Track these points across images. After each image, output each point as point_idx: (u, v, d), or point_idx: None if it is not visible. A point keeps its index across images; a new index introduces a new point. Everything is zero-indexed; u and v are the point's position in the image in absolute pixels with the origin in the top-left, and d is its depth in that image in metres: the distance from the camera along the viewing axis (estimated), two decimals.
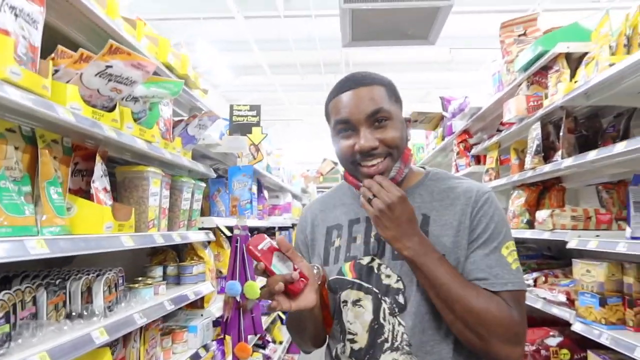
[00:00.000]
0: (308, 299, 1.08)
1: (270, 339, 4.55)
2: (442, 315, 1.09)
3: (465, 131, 4.64)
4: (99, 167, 1.58)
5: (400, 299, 1.14)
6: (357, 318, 1.18)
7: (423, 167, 1.29)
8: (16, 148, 1.27)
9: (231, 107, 2.81)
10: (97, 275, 1.63)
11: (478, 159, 4.51)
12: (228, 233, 2.66)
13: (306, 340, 1.29)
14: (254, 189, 3.44)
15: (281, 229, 5.51)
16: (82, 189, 1.59)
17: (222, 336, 2.75)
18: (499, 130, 3.64)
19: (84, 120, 1.40)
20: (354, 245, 1.22)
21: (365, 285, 1.17)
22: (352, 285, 1.19)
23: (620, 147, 2.06)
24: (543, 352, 2.84)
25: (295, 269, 1.07)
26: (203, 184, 2.52)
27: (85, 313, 1.54)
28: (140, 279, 2.20)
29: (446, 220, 1.15)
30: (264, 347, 4.36)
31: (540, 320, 3.17)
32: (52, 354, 1.22)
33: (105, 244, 1.51)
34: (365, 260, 1.19)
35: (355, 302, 1.19)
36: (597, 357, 2.36)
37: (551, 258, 3.48)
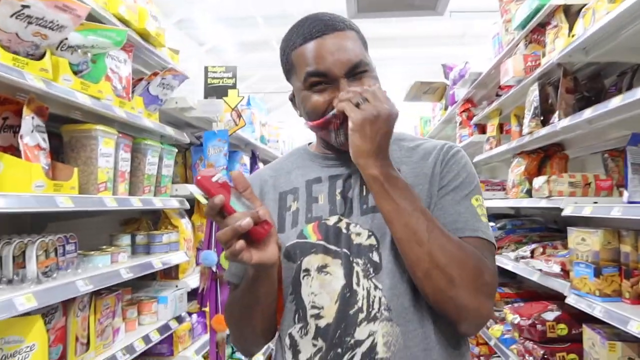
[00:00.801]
0: (271, 251, 0.91)
1: None
2: (408, 251, 0.93)
3: (469, 100, 4.42)
4: (29, 122, 1.46)
5: (375, 257, 0.99)
6: (323, 288, 0.99)
7: None
8: None
9: (206, 68, 2.67)
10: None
11: (482, 129, 4.29)
12: (204, 201, 2.54)
13: (255, 332, 1.07)
14: (243, 158, 3.29)
15: None
16: (13, 145, 1.48)
17: (202, 309, 2.66)
18: (498, 95, 3.43)
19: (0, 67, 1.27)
20: (315, 205, 1.05)
21: (333, 248, 1.00)
22: (316, 249, 1.01)
23: (616, 101, 1.86)
24: (539, 326, 2.68)
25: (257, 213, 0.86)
26: (174, 149, 2.39)
27: (16, 278, 1.44)
28: (104, 247, 2.10)
29: (419, 171, 1.05)
30: None
31: (545, 296, 3.01)
32: None
33: (33, 202, 1.40)
34: (332, 220, 1.03)
35: (321, 269, 1.00)
36: (592, 332, 2.19)
37: (557, 231, 3.29)
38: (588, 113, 2.08)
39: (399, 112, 0.97)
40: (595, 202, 2.25)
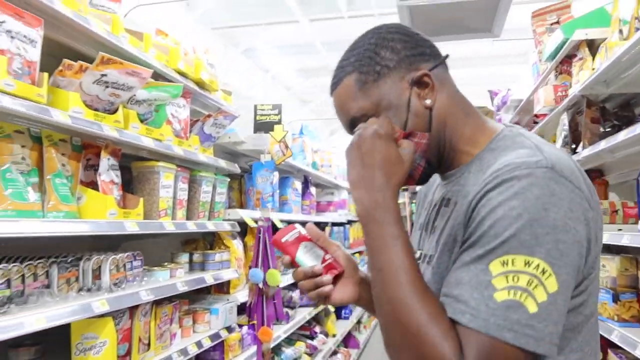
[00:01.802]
0: (343, 293, 1.00)
1: (318, 331, 4.71)
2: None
3: (516, 124, 4.51)
4: (105, 162, 1.83)
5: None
6: None
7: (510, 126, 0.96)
8: (23, 146, 1.54)
9: (255, 106, 3.02)
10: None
11: None
12: (252, 224, 2.86)
13: None
14: (292, 185, 3.59)
15: (335, 224, 5.66)
16: (94, 181, 1.85)
17: (251, 321, 2.97)
18: (535, 123, 3.51)
19: (84, 122, 1.65)
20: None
21: None
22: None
23: (624, 133, 1.97)
24: None
25: (325, 260, 1.01)
26: (226, 178, 2.73)
27: (93, 287, 1.80)
28: (166, 264, 2.46)
29: (458, 208, 0.88)
30: (312, 338, 4.53)
31: None
32: (50, 317, 1.47)
33: (108, 227, 1.76)
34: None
35: None
36: (615, 357, 2.26)
37: None
38: (604, 144, 2.19)
39: (384, 134, 0.87)
40: (620, 230, 2.32)
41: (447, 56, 0.96)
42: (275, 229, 3.25)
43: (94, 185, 1.86)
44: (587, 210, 0.78)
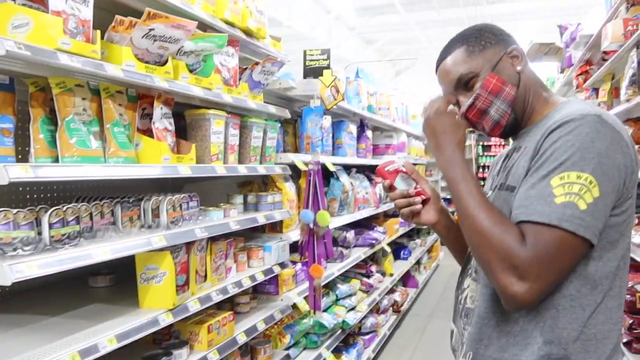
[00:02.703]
0: (428, 215, 1.33)
1: (375, 270, 4.87)
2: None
3: (588, 61, 4.20)
4: (158, 111, 1.98)
5: None
6: None
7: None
8: (83, 99, 1.71)
9: (304, 52, 3.05)
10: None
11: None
12: (303, 167, 2.97)
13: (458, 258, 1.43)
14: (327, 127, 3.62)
15: None
16: (150, 129, 2.02)
17: (302, 259, 3.15)
18: (604, 60, 3.27)
19: (136, 74, 1.79)
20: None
21: None
22: None
23: None
24: (629, 297, 2.71)
25: (416, 187, 1.33)
26: (276, 124, 2.84)
27: (152, 225, 2.01)
28: (222, 204, 2.65)
29: (527, 149, 1.14)
30: (367, 276, 4.71)
31: None
32: (115, 250, 1.68)
33: (163, 171, 1.94)
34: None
35: None
36: None
37: None
38: None
39: (444, 109, 1.23)
40: None
41: (531, 42, 1.34)
42: (326, 171, 3.35)
43: (149, 132, 2.02)
44: (625, 147, 1.05)
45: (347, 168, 4.24)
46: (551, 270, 1.01)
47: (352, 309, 4.12)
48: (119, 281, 2.37)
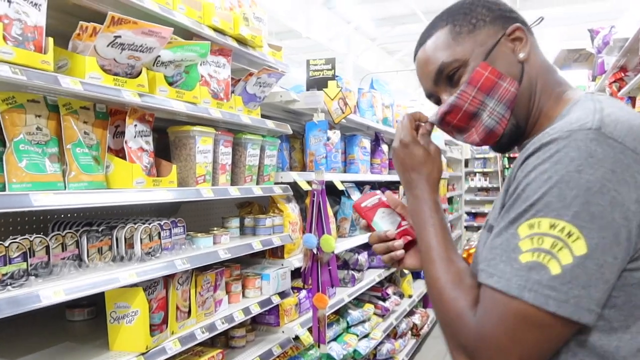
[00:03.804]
0: (412, 259, 1.08)
1: (392, 292, 4.57)
2: None
3: (622, 68, 3.86)
4: (132, 129, 1.77)
5: None
6: None
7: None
8: (38, 116, 1.50)
9: (307, 61, 2.81)
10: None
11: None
12: (306, 187, 2.72)
13: None
14: (336, 144, 3.38)
15: None
16: (123, 148, 1.80)
17: (305, 286, 2.89)
18: None
19: (100, 88, 1.57)
20: None
21: None
22: None
23: None
24: None
25: (400, 225, 1.10)
26: (276, 140, 2.60)
27: (125, 257, 1.78)
28: (215, 228, 2.42)
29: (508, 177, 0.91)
30: (383, 299, 4.41)
31: None
32: (70, 289, 1.46)
33: (135, 196, 1.71)
34: None
35: None
36: None
37: None
38: None
39: (410, 140, 1.01)
40: None
41: (541, 19, 1.06)
42: (331, 191, 3.10)
43: (123, 153, 1.81)
44: None
45: (360, 185, 3.97)
46: (512, 354, 0.74)
47: (365, 336, 3.83)
48: (99, 314, 2.15)
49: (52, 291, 1.41)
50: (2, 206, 1.33)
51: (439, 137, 6.58)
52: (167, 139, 2.11)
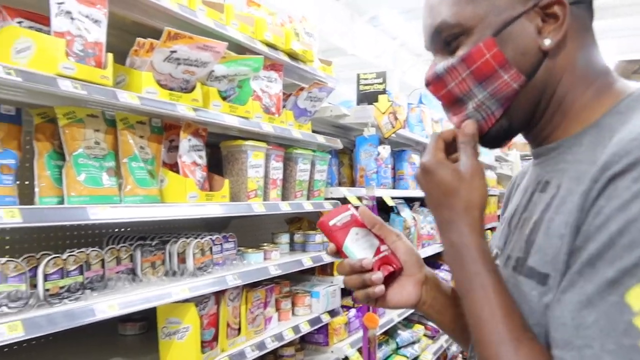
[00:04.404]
0: (403, 293, 0.84)
1: None
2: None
3: None
4: (185, 143, 1.77)
5: None
6: None
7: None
8: (96, 130, 1.52)
9: (358, 75, 2.77)
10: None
11: None
12: (357, 203, 2.66)
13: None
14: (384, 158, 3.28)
15: None
16: (177, 163, 1.80)
17: (355, 305, 2.81)
18: None
19: (156, 102, 1.58)
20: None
21: None
22: None
23: None
24: None
25: (379, 251, 0.84)
26: (326, 155, 2.56)
27: (177, 271, 1.77)
28: (265, 244, 2.39)
29: (565, 196, 0.65)
30: None
31: None
32: (124, 304, 1.45)
33: (188, 210, 1.70)
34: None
35: None
36: None
37: None
38: None
39: (436, 167, 0.75)
40: None
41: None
42: (380, 207, 3.02)
43: (177, 167, 1.81)
44: None
45: (410, 201, 3.87)
46: None
47: (415, 358, 3.69)
48: (150, 328, 2.15)
49: (106, 305, 1.40)
50: (61, 219, 1.35)
51: (487, 152, 6.39)
52: (219, 153, 2.11)
